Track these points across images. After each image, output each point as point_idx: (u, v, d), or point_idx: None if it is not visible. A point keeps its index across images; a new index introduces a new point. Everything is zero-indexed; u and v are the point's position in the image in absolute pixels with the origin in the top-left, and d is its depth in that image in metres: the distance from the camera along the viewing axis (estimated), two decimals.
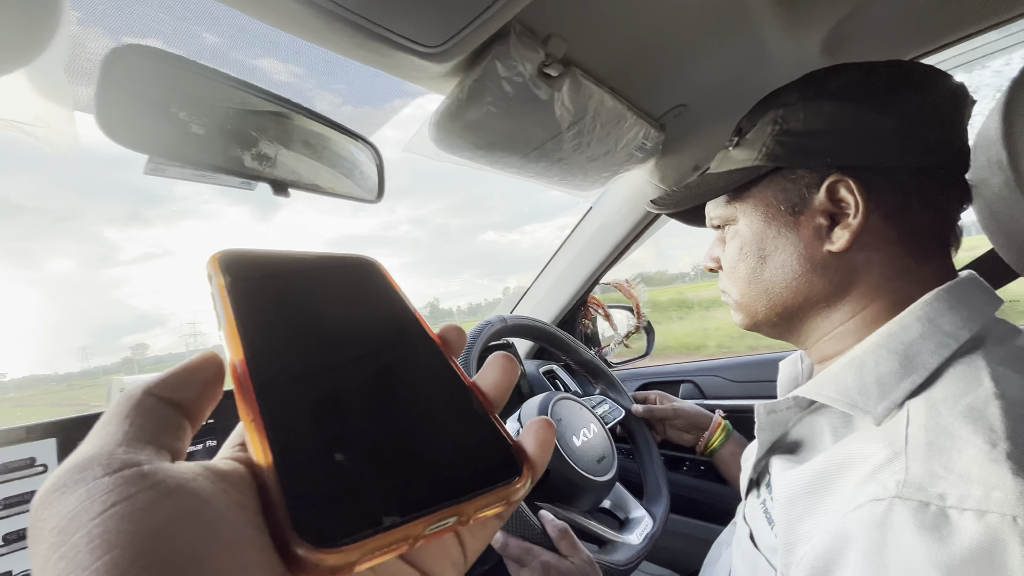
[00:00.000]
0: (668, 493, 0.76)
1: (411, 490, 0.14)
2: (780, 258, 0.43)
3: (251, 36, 0.51)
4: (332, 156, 0.60)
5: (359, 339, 0.19)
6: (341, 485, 0.14)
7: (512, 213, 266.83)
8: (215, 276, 0.18)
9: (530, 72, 0.53)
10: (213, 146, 0.48)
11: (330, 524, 0.13)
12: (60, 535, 0.11)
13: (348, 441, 0.15)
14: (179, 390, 0.15)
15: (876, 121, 0.39)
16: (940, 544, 0.26)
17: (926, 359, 0.35)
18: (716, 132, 0.81)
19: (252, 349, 0.16)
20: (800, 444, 0.42)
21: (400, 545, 0.13)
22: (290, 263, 0.20)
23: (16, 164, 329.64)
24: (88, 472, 0.12)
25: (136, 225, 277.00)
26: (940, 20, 0.60)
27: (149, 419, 0.14)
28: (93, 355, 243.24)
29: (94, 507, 0.11)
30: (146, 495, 0.12)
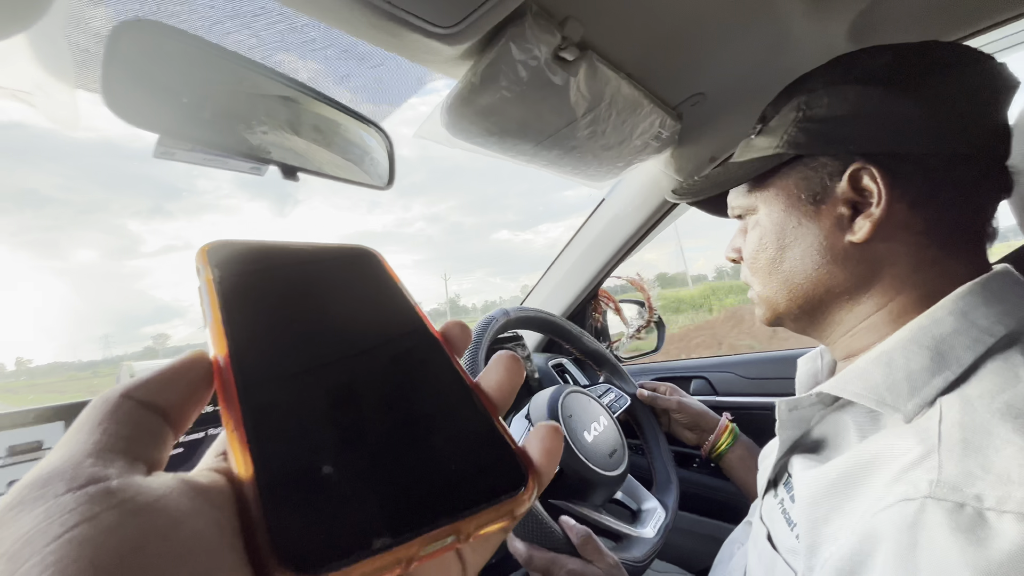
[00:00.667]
0: (677, 481, 0.75)
1: (405, 507, 0.13)
2: (800, 248, 0.42)
3: (266, 26, 0.51)
4: (342, 141, 0.59)
5: (354, 339, 0.18)
6: (328, 504, 0.12)
7: (526, 212, 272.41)
8: (203, 270, 0.17)
9: (545, 56, 0.51)
10: (223, 128, 0.47)
11: (314, 548, 0.12)
12: (10, 562, 0.10)
13: (338, 453, 0.14)
14: (161, 393, 0.14)
15: (903, 106, 0.37)
16: (976, 547, 0.25)
17: (960, 354, 0.33)
18: (735, 122, 0.79)
19: (238, 350, 0.15)
20: (823, 442, 0.40)
21: (393, 568, 0.12)
22: (284, 255, 0.19)
23: (45, 156, 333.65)
24: (49, 488, 0.11)
25: (158, 218, 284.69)
26: (975, 3, 0.57)
27: (124, 426, 0.13)
28: (115, 344, 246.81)
29: (52, 529, 0.10)
30: (110, 515, 0.10)
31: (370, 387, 0.16)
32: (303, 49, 0.54)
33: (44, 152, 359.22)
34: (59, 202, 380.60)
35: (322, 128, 0.57)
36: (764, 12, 0.58)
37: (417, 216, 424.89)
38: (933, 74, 0.38)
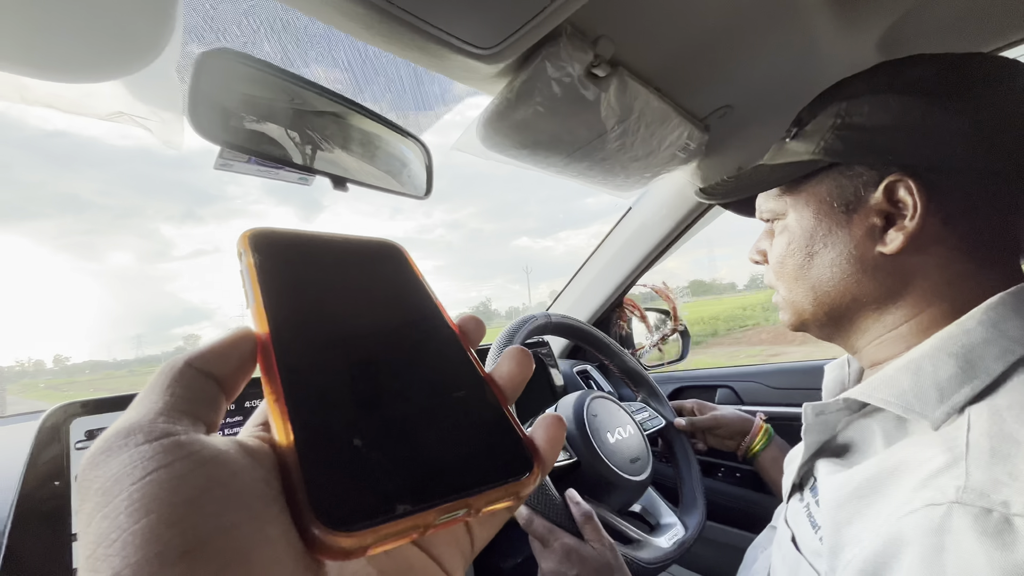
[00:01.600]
0: (705, 506, 0.74)
1: (425, 480, 0.15)
2: (829, 256, 0.42)
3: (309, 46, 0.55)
4: (384, 155, 0.63)
5: (382, 325, 0.19)
6: (358, 471, 0.14)
7: (547, 219, 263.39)
8: (245, 254, 0.18)
9: (578, 73, 0.54)
10: (278, 142, 0.51)
11: (346, 509, 0.13)
12: (104, 496, 0.12)
13: (367, 428, 0.15)
14: (217, 364, 0.15)
15: (946, 119, 0.37)
16: (1003, 551, 0.26)
17: (989, 364, 0.34)
18: (762, 134, 0.80)
19: (278, 329, 0.16)
20: (849, 447, 0.41)
21: (411, 533, 0.14)
22: (318, 244, 0.20)
23: (85, 163, 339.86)
24: (131, 438, 0.13)
25: (190, 223, 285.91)
26: (1007, 17, 0.57)
27: (188, 391, 0.14)
28: (147, 344, 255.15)
29: (135, 472, 0.12)
30: (182, 464, 0.12)
31: (395, 370, 0.18)
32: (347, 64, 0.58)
33: (85, 159, 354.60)
34: (98, 207, 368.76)
35: (366, 142, 0.60)
36: (793, 25, 0.59)
37: (438, 223, 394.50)
38: (977, 88, 0.37)
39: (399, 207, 61.41)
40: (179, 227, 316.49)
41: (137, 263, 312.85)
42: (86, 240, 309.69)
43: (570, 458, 0.62)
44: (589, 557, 0.51)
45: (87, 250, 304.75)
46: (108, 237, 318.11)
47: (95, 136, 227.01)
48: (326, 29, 0.46)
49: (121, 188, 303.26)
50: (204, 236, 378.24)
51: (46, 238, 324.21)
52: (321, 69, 0.56)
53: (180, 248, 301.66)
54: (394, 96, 0.63)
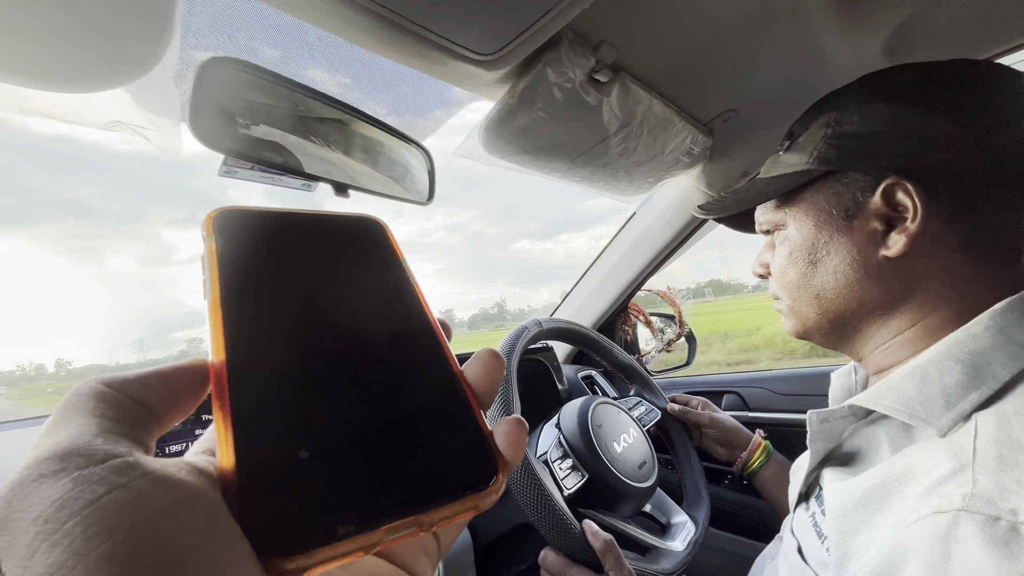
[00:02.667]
0: (708, 497, 0.75)
1: (372, 497, 0.14)
2: (832, 263, 0.42)
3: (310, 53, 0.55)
4: (387, 160, 0.63)
5: (350, 319, 0.18)
6: (298, 494, 0.13)
7: (547, 222, 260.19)
8: (208, 238, 0.17)
9: (580, 78, 0.54)
10: (282, 149, 0.51)
11: (284, 533, 0.13)
12: (48, 523, 0.10)
13: (318, 440, 0.14)
14: (143, 393, 0.14)
15: (937, 122, 0.37)
16: (1011, 560, 0.25)
17: (997, 370, 0.33)
18: (767, 137, 0.79)
19: (232, 332, 0.15)
20: (855, 455, 0.40)
21: (355, 553, 0.13)
22: (290, 223, 0.19)
23: (87, 168, 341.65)
24: (69, 462, 0.11)
25: (192, 227, 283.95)
26: (1011, 23, 0.57)
27: (119, 412, 0.13)
28: (148, 348, 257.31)
29: (84, 495, 0.11)
30: (139, 483, 0.11)
31: (360, 371, 0.16)
32: (351, 72, 0.58)
33: (87, 164, 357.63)
34: (100, 211, 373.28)
35: (368, 148, 0.61)
36: (797, 29, 0.58)
37: (439, 226, 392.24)
38: (966, 91, 0.38)
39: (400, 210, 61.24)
40: (181, 231, 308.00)
41: (139, 267, 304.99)
42: (88, 244, 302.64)
43: (582, 478, 0.62)
44: None
45: (89, 254, 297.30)
46: (110, 241, 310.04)
47: (97, 141, 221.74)
48: (328, 36, 0.46)
49: (123, 193, 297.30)
50: None
51: (48, 242, 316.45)
52: (323, 76, 0.57)
53: (181, 252, 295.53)
54: (396, 102, 0.63)
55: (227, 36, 0.46)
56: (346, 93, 0.56)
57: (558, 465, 0.62)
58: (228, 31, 0.46)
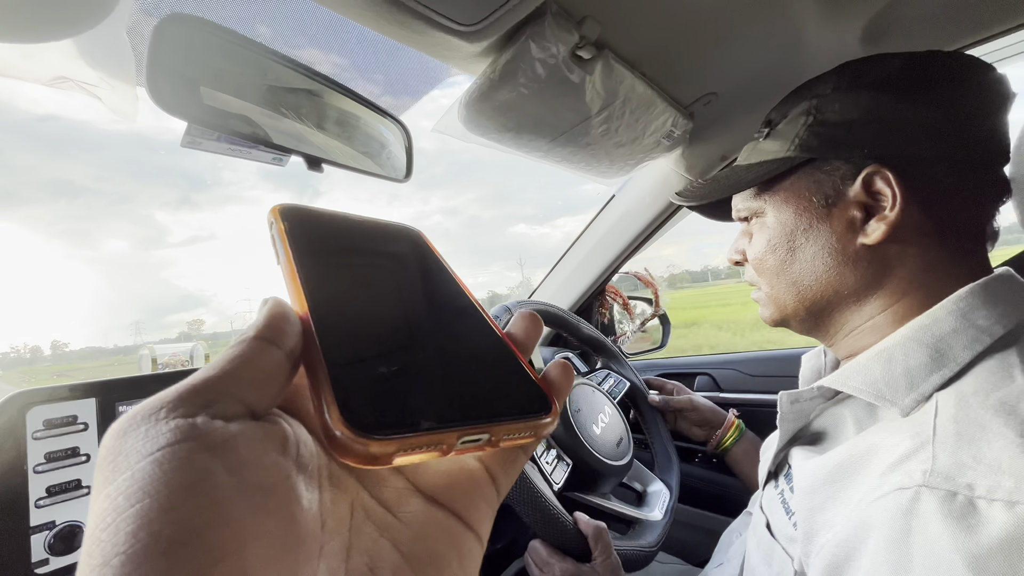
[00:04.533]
0: (678, 461, 0.78)
1: (448, 405, 0.16)
2: (811, 251, 0.43)
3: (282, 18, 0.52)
4: (362, 135, 0.61)
5: (405, 285, 0.20)
6: (386, 390, 0.15)
7: (544, 206, 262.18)
8: (275, 222, 0.19)
9: (563, 54, 0.52)
10: (250, 119, 0.49)
11: (374, 416, 0.14)
12: (113, 471, 0.12)
13: (393, 360, 0.16)
14: (282, 336, 0.15)
15: (915, 112, 0.38)
16: (967, 533, 0.26)
17: (958, 353, 0.35)
18: (746, 122, 0.80)
19: (307, 280, 0.17)
20: (822, 434, 0.42)
21: (433, 449, 0.15)
22: (342, 219, 0.22)
23: (79, 148, 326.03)
24: (156, 412, 0.12)
25: (186, 209, 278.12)
26: (984, 11, 0.58)
27: (246, 366, 0.14)
28: (145, 330, 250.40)
29: (144, 447, 0.12)
30: (187, 446, 0.12)
31: (417, 318, 0.19)
32: (325, 41, 0.56)
33: (79, 143, 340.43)
34: (92, 192, 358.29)
35: (343, 121, 0.58)
36: (778, 14, 0.58)
37: (435, 209, 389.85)
38: (942, 82, 0.39)
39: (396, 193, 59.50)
40: (174, 213, 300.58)
41: (132, 250, 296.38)
42: (80, 227, 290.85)
43: (568, 467, 0.63)
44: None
45: (81, 237, 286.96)
46: (103, 223, 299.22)
47: (87, 120, 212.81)
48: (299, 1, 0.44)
49: (116, 173, 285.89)
50: (199, 223, 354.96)
51: (40, 224, 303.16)
52: (294, 42, 0.54)
53: (175, 235, 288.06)
54: (372, 74, 0.60)
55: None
56: (321, 64, 0.53)
57: (543, 459, 0.63)
58: None
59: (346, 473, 0.16)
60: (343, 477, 0.16)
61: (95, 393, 0.49)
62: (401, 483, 0.17)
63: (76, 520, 0.46)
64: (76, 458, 0.47)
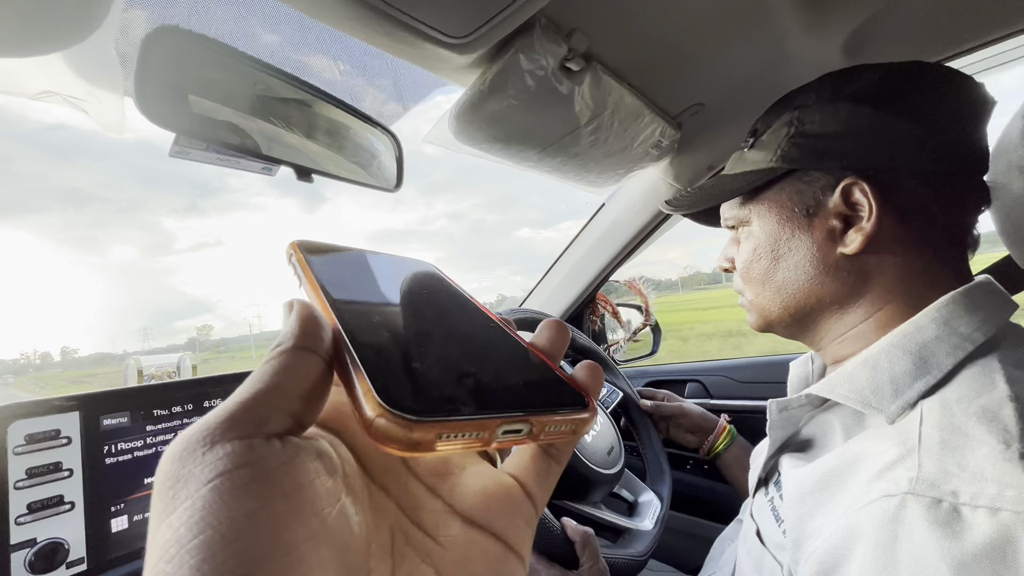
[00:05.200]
0: (669, 469, 0.78)
1: (484, 395, 0.16)
2: (793, 260, 0.43)
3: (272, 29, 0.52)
4: (352, 145, 0.61)
5: (427, 300, 0.21)
6: (423, 378, 0.15)
7: (548, 210, 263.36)
8: (294, 254, 0.20)
9: (552, 66, 0.53)
10: (238, 130, 0.49)
11: (414, 400, 0.14)
12: (173, 499, 0.11)
13: (426, 356, 0.16)
14: (320, 342, 0.15)
15: (893, 124, 0.39)
16: (952, 540, 0.27)
17: (941, 360, 0.35)
18: (732, 132, 0.81)
19: (329, 289, 0.18)
20: (811, 442, 0.42)
21: (474, 438, 0.14)
22: (360, 251, 0.22)
23: (88, 156, 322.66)
24: (209, 436, 0.12)
25: (193, 216, 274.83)
26: (964, 24, 0.59)
27: (290, 377, 0.14)
28: (153, 336, 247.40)
29: (203, 474, 0.12)
30: (245, 472, 0.12)
31: (450, 327, 0.19)
32: (315, 51, 0.56)
33: (87, 151, 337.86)
34: (100, 200, 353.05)
35: (333, 132, 0.58)
36: (762, 27, 0.60)
37: (439, 214, 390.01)
38: (920, 93, 0.39)
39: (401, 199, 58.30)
40: (182, 220, 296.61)
41: (139, 256, 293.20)
42: (88, 234, 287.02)
43: None
44: None
45: (89, 244, 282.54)
46: (111, 230, 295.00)
47: (95, 129, 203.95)
48: (290, 13, 0.44)
49: (123, 181, 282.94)
50: (206, 229, 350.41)
51: (49, 231, 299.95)
52: (285, 53, 0.54)
53: (182, 241, 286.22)
54: (364, 85, 0.61)
55: (175, 4, 0.42)
56: (310, 75, 0.53)
57: None
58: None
59: (385, 496, 0.16)
60: (382, 500, 0.16)
61: (79, 406, 0.48)
62: (439, 505, 0.17)
63: (58, 537, 0.45)
64: (58, 473, 0.46)
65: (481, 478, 0.18)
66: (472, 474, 0.18)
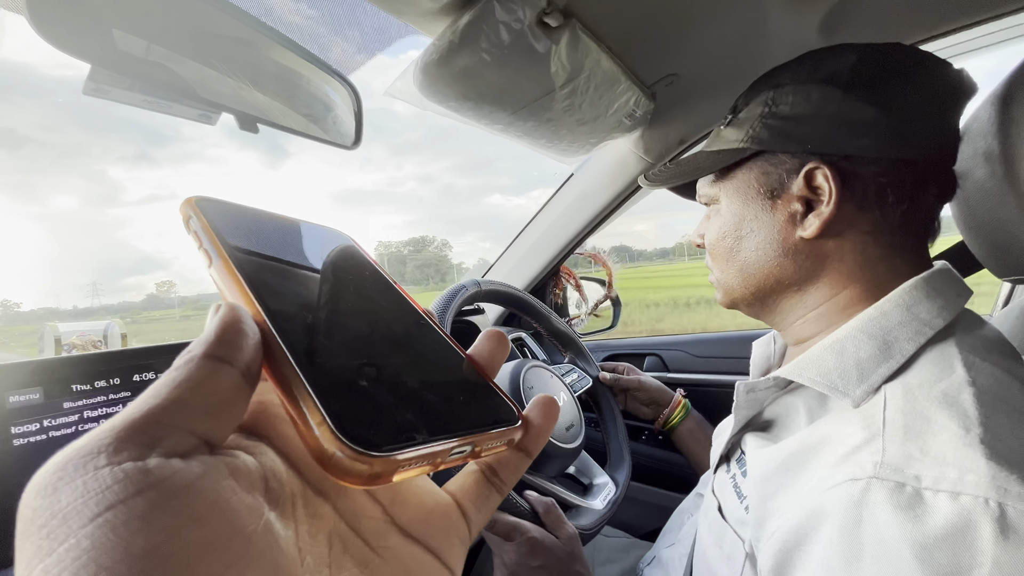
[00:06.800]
0: (630, 460, 0.78)
1: (434, 419, 0.15)
2: (755, 240, 0.44)
3: None
4: (305, 95, 0.55)
5: (351, 290, 0.19)
6: (376, 407, 0.14)
7: (520, 177, 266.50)
8: (195, 217, 0.17)
9: (529, 19, 0.49)
10: (169, 69, 0.42)
11: (372, 434, 0.13)
12: (48, 539, 0.09)
13: (366, 372, 0.15)
14: (236, 351, 0.13)
15: (860, 110, 0.38)
16: (914, 523, 0.27)
17: (903, 345, 0.36)
18: (704, 107, 0.80)
19: (256, 288, 0.15)
20: (774, 422, 0.43)
21: (427, 463, 0.14)
22: (268, 216, 0.20)
23: (22, 94, 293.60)
24: (93, 459, 0.10)
25: (143, 165, 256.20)
26: (942, 6, 0.60)
27: (196, 391, 0.12)
28: (103, 292, 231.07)
29: (87, 508, 0.09)
30: (143, 500, 0.10)
31: (379, 332, 0.18)
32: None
33: (19, 88, 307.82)
34: (37, 143, 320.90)
35: (283, 78, 0.52)
36: None
37: (409, 175, 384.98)
38: (893, 80, 0.39)
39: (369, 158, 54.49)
40: (131, 170, 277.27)
41: (83, 207, 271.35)
42: (25, 179, 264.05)
43: None
44: (553, 547, 0.53)
45: (26, 191, 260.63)
46: (50, 177, 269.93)
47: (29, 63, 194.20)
48: None
49: (64, 123, 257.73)
50: (157, 181, 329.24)
51: None
52: None
53: (132, 193, 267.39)
54: (320, 27, 0.54)
55: None
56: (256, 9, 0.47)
57: None
58: None
59: (323, 501, 0.15)
60: (319, 506, 0.15)
61: None
62: (379, 514, 0.16)
63: None
64: None
65: (421, 493, 0.17)
66: (412, 487, 0.18)
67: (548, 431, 0.19)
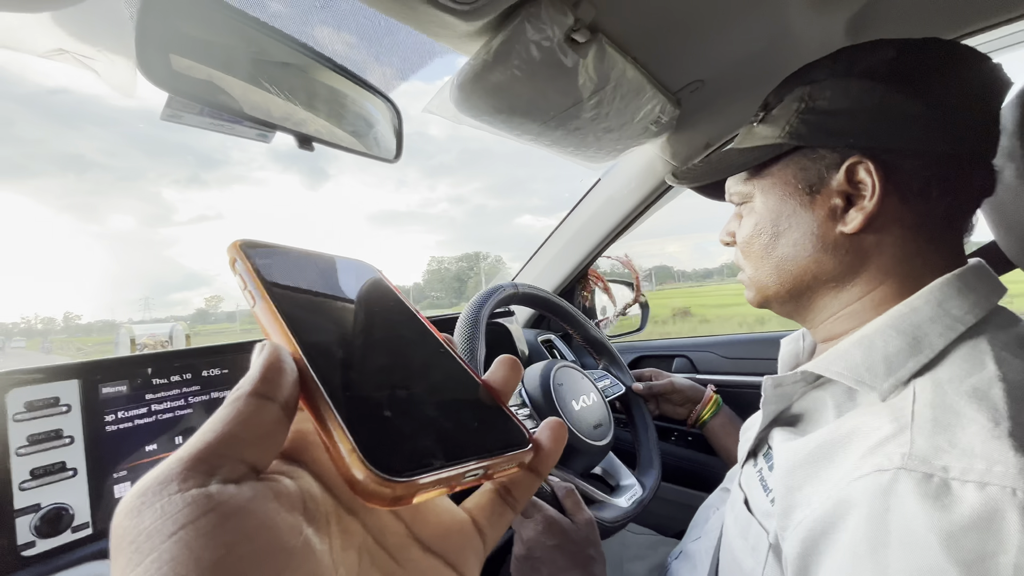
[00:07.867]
0: (660, 466, 0.78)
1: (450, 445, 0.17)
2: (793, 236, 0.43)
3: None
4: (350, 114, 0.59)
5: (377, 321, 0.21)
6: (397, 431, 0.16)
7: (551, 198, 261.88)
8: (240, 260, 0.19)
9: (558, 37, 0.52)
10: (236, 94, 0.47)
11: (395, 460, 0.15)
12: (136, 553, 0.12)
13: (391, 401, 0.17)
14: (278, 389, 0.15)
15: (902, 104, 0.38)
16: (941, 512, 0.28)
17: (933, 340, 0.36)
18: (730, 111, 0.81)
19: (292, 324, 0.17)
20: (802, 417, 0.43)
21: (443, 486, 0.16)
22: (302, 254, 0.22)
23: (90, 122, 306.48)
24: (167, 486, 0.12)
25: (194, 187, 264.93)
26: (969, 6, 0.59)
27: (244, 425, 0.14)
28: (154, 307, 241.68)
29: (165, 527, 0.12)
30: (207, 520, 0.12)
31: (405, 362, 0.20)
32: (318, 14, 0.54)
33: (89, 117, 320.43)
34: (101, 167, 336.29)
35: (331, 99, 0.57)
36: (768, 3, 0.59)
37: (442, 196, 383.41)
38: (934, 73, 0.39)
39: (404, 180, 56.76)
40: (182, 192, 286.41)
41: (139, 226, 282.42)
42: (88, 201, 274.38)
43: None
44: (569, 529, 0.54)
45: (89, 211, 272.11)
46: (110, 199, 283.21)
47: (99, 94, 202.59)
48: None
49: (125, 148, 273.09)
50: (206, 202, 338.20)
51: (49, 197, 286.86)
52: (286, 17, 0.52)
53: (182, 213, 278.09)
54: (364, 52, 0.59)
55: None
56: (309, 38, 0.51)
57: (515, 411, 0.63)
58: None
59: (353, 519, 0.17)
60: (350, 523, 0.17)
61: (77, 374, 0.47)
62: (402, 530, 0.18)
63: (62, 502, 0.45)
64: (60, 440, 0.46)
65: (440, 511, 0.19)
66: (432, 505, 0.19)
67: (557, 453, 0.20)
